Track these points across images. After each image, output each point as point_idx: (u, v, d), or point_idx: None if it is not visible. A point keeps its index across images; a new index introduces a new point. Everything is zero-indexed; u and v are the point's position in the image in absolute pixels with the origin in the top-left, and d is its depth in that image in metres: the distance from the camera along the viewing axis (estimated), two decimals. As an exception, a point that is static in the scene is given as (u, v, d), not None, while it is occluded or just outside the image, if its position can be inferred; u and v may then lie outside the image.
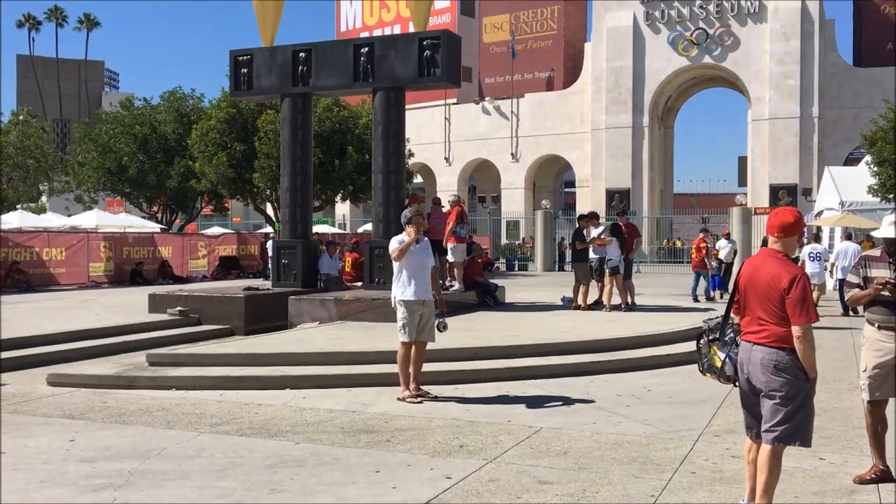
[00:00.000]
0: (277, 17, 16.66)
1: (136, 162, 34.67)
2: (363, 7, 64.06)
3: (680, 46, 47.04)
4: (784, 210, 4.63)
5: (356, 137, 30.89)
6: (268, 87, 16.12)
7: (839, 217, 22.09)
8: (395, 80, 14.89)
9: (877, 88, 43.00)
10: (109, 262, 26.23)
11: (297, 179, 15.96)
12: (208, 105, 34.67)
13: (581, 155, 51.04)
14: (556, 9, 54.51)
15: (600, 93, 48.98)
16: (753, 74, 45.77)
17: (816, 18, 44.37)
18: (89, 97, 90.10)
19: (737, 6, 45.72)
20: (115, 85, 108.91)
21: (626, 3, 48.15)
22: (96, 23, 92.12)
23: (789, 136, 44.69)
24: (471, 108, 55.18)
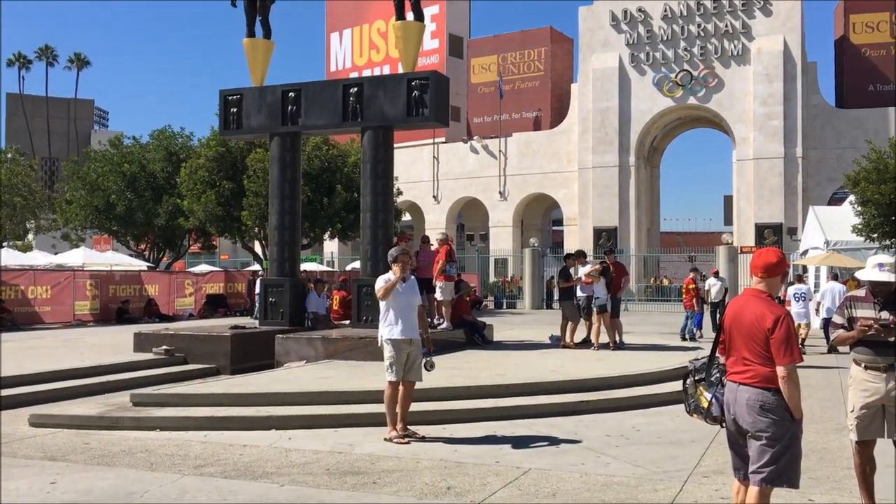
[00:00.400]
0: (267, 58, 16.81)
1: (124, 200, 34.63)
2: (353, 48, 64.77)
3: (665, 88, 47.69)
4: (767, 250, 4.67)
5: (345, 176, 31.01)
6: (257, 126, 16.21)
7: (824, 256, 22.25)
8: (383, 119, 15.01)
9: (859, 129, 43.65)
10: (95, 300, 26.06)
11: (285, 218, 15.97)
12: (197, 143, 34.78)
13: (568, 194, 51.38)
14: (543, 51, 55.26)
15: (587, 133, 49.48)
16: (738, 115, 46.39)
17: (799, 61, 45.14)
18: (78, 135, 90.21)
19: (720, 49, 46.47)
20: (105, 123, 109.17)
21: (611, 45, 48.89)
22: (86, 62, 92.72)
23: (774, 175, 45.18)
24: (459, 146, 55.58)
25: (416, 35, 15.60)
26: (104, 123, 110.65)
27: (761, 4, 45.71)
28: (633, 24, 48.35)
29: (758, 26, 45.88)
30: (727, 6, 46.28)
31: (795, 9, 45.37)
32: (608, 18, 48.84)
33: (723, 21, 46.45)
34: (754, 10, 45.90)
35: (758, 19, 45.90)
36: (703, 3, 46.68)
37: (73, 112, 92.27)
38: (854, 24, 48.43)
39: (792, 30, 45.28)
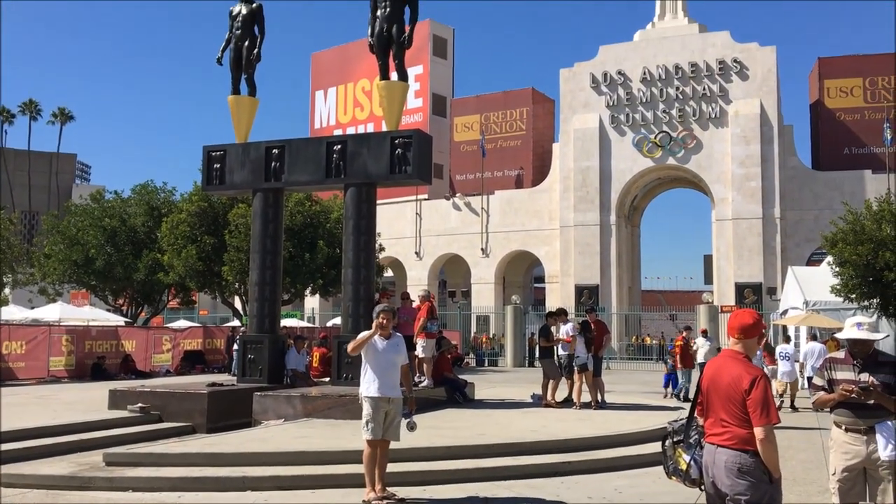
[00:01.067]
0: (252, 115, 16.94)
1: (103, 254, 34.38)
2: (337, 105, 65.53)
3: (644, 148, 48.46)
4: (743, 312, 4.68)
5: (327, 231, 31.03)
6: (240, 181, 16.23)
7: (804, 316, 22.38)
8: (366, 176, 15.09)
9: (836, 191, 44.42)
10: (71, 355, 25.65)
11: (266, 273, 15.89)
12: (180, 198, 34.76)
13: (550, 251, 51.65)
14: (525, 111, 56.13)
15: (568, 191, 49.99)
16: (716, 176, 47.12)
17: (775, 124, 46.11)
18: (59, 189, 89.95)
19: (698, 111, 47.43)
20: (87, 177, 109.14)
21: (592, 106, 49.77)
22: (70, 116, 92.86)
23: (752, 235, 45.71)
24: (442, 203, 55.93)
25: (400, 94, 15.80)
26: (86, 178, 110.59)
27: (738, 69, 46.86)
28: (613, 87, 49.33)
29: (735, 90, 46.95)
30: (704, 70, 47.38)
31: (771, 73, 46.53)
32: (588, 80, 49.82)
33: (700, 84, 47.50)
34: (731, 75, 47.02)
35: (735, 83, 47.00)
36: (681, 67, 47.77)
37: (55, 166, 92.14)
38: (828, 89, 49.68)
39: (768, 94, 46.36)
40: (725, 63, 47.04)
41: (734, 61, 46.92)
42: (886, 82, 48.64)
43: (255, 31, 16.89)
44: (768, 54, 46.77)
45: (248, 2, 17.00)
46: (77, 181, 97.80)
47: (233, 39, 16.85)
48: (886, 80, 48.61)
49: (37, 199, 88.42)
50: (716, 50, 47.50)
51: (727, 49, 47.33)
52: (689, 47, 48.06)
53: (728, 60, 47.01)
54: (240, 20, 16.84)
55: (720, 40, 47.74)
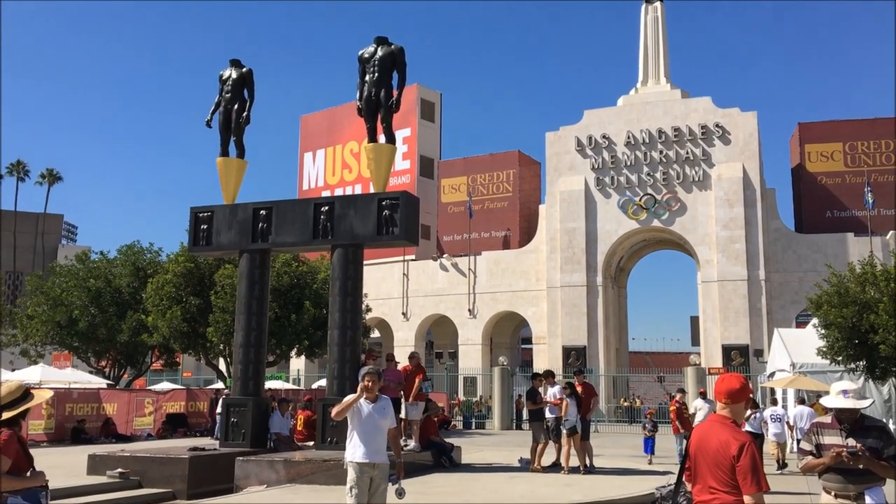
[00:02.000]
0: (240, 177, 17.05)
1: (87, 315, 34.08)
2: (325, 167, 66.07)
3: (630, 210, 48.92)
4: (730, 376, 4.67)
5: (314, 292, 30.93)
6: (227, 242, 16.24)
7: (791, 379, 22.33)
8: (353, 237, 15.14)
9: (819, 254, 44.87)
10: (51, 419, 25.18)
11: (251, 335, 15.78)
12: (166, 259, 34.66)
13: (537, 312, 51.60)
14: (512, 173, 56.73)
15: (555, 252, 50.23)
16: (701, 238, 47.52)
17: (758, 187, 46.76)
18: (45, 250, 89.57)
19: (682, 174, 48.07)
20: (73, 238, 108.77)
21: (577, 169, 50.39)
22: (58, 177, 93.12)
23: (738, 297, 45.90)
24: (429, 264, 56.01)
25: (388, 157, 15.97)
26: (72, 238, 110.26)
27: (720, 133, 47.71)
28: (598, 150, 50.03)
29: (717, 154, 47.72)
30: (687, 135, 48.21)
31: (753, 138, 47.38)
32: (574, 144, 50.54)
33: (684, 148, 48.26)
34: (713, 139, 47.84)
35: (717, 147, 47.79)
36: (665, 131, 48.59)
37: (42, 227, 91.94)
38: (809, 154, 50.58)
39: (750, 157, 47.11)
40: (708, 128, 47.91)
41: (716, 126, 47.80)
42: (866, 147, 49.62)
43: (245, 95, 17.16)
44: (749, 119, 47.69)
45: (239, 66, 17.29)
46: (63, 241, 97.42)
47: (222, 103, 17.08)
48: (865, 145, 49.60)
49: (22, 260, 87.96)
50: (698, 115, 48.42)
51: (709, 114, 48.25)
52: (671, 112, 48.97)
53: (710, 125, 47.89)
54: (230, 84, 17.09)
55: (702, 105, 48.70)
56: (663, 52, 52.12)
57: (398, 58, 15.84)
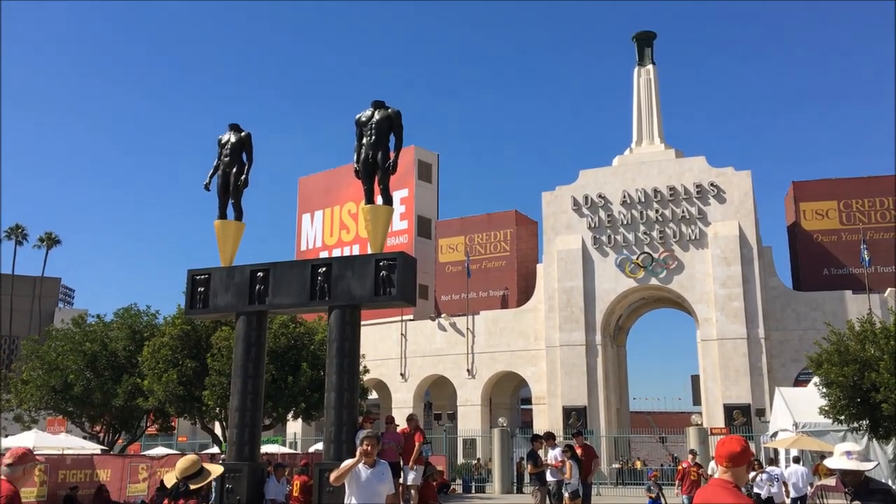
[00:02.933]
0: (237, 239, 17.09)
1: (82, 379, 33.78)
2: (323, 228, 66.35)
3: (627, 269, 48.98)
4: (731, 439, 4.61)
5: (311, 353, 30.74)
6: (224, 305, 16.19)
7: (794, 439, 22.08)
8: (351, 298, 15.09)
9: (818, 311, 44.79)
10: (43, 486, 24.67)
11: (247, 399, 15.60)
12: (163, 322, 34.53)
13: (537, 371, 51.21)
14: (509, 232, 56.95)
15: (553, 311, 50.10)
16: (699, 296, 47.47)
17: (754, 245, 46.91)
18: (42, 313, 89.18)
19: (678, 232, 48.28)
20: (70, 301, 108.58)
21: (574, 228, 50.62)
22: (57, 241, 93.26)
23: (738, 356, 45.63)
24: (427, 324, 55.77)
25: (385, 218, 16.04)
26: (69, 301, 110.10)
27: (715, 192, 48.08)
28: (594, 209, 50.34)
29: (713, 212, 48.01)
30: (682, 194, 48.57)
31: (748, 196, 47.74)
32: (570, 203, 50.87)
33: (679, 207, 48.58)
34: (709, 198, 48.20)
35: (712, 206, 48.12)
36: (660, 190, 48.97)
37: (39, 290, 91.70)
38: (804, 212, 50.90)
39: (746, 216, 47.39)
40: (703, 187, 48.30)
41: (711, 185, 48.20)
42: (860, 205, 49.96)
43: (244, 158, 17.29)
44: (744, 178, 48.11)
45: (238, 130, 17.48)
46: (60, 305, 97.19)
47: (221, 166, 17.21)
48: (860, 203, 49.95)
49: (18, 324, 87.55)
50: (693, 174, 48.86)
51: (703, 173, 48.70)
52: (666, 172, 49.43)
53: (705, 184, 48.29)
54: (228, 147, 17.26)
55: (696, 165, 49.19)
56: (656, 113, 52.90)
57: (395, 121, 16.03)
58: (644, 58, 54.25)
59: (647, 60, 54.11)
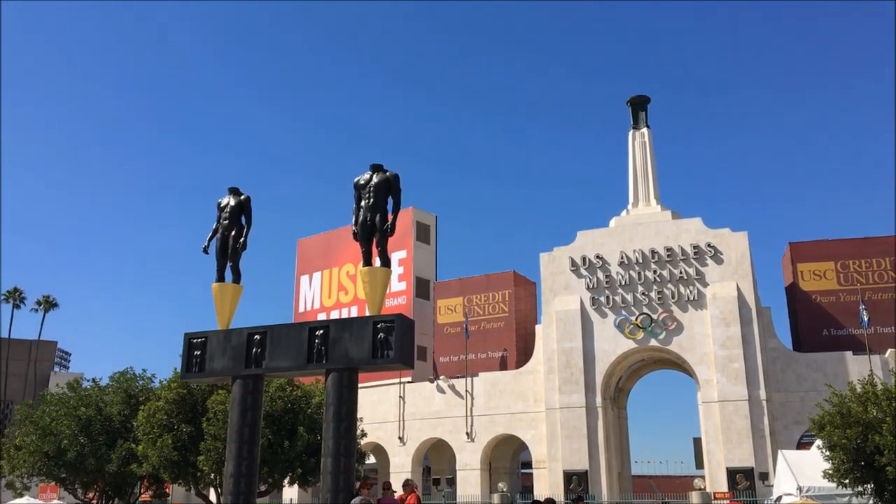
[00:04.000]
0: (235, 302, 17.08)
1: (76, 445, 33.35)
2: (322, 289, 66.31)
3: (626, 330, 48.81)
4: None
5: (308, 417, 30.40)
6: (220, 368, 16.08)
7: (799, 503, 21.69)
8: (348, 361, 15.01)
9: (819, 373, 44.49)
10: (32, 554, 24.15)
11: (242, 465, 15.37)
12: (158, 385, 34.25)
13: (536, 434, 50.57)
14: (507, 293, 56.89)
15: (552, 373, 49.73)
16: (699, 357, 47.19)
17: (753, 306, 46.83)
18: (37, 377, 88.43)
19: (677, 293, 48.27)
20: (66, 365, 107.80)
21: (572, 289, 50.61)
22: (54, 304, 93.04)
23: (740, 418, 45.14)
24: (425, 386, 55.27)
25: (383, 280, 16.06)
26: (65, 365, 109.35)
27: (712, 253, 48.24)
28: (592, 270, 50.42)
29: (711, 273, 48.08)
30: (680, 255, 48.72)
31: (745, 257, 47.88)
32: (568, 264, 50.96)
33: (677, 268, 48.67)
34: (706, 259, 48.33)
35: (710, 266, 48.22)
36: (657, 251, 49.14)
37: (35, 354, 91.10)
38: (802, 272, 50.96)
39: (743, 277, 47.45)
40: (700, 248, 48.48)
41: (708, 246, 48.39)
42: (857, 266, 50.07)
43: (243, 222, 17.42)
44: (741, 239, 48.33)
45: (237, 194, 17.63)
46: (56, 368, 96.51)
47: (220, 229, 17.31)
48: (857, 264, 50.06)
49: (13, 388, 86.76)
50: (689, 235, 49.10)
51: (700, 234, 48.94)
52: (663, 233, 49.67)
53: (702, 245, 48.48)
54: (227, 211, 17.38)
55: (693, 226, 49.46)
56: (652, 175, 53.44)
57: (393, 184, 16.19)
58: (639, 121, 55.07)
59: (641, 124, 54.92)
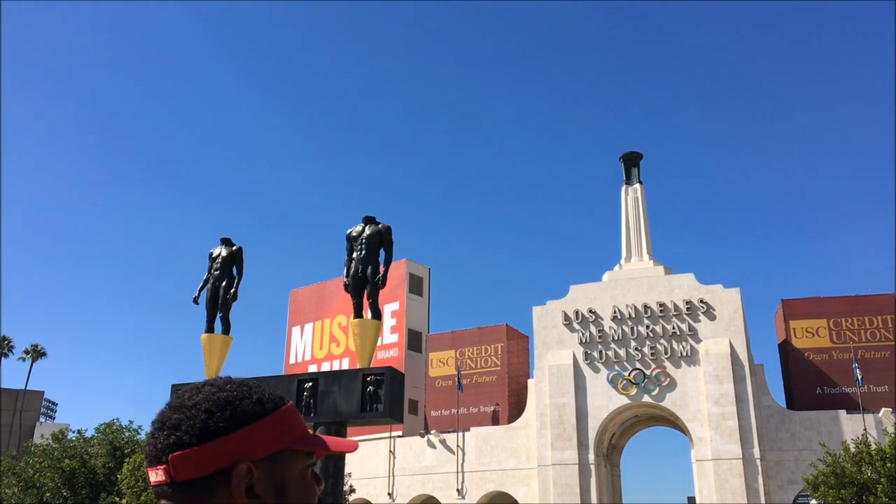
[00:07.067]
0: (224, 353, 16.92)
1: (58, 498, 32.65)
2: (313, 340, 65.88)
3: (619, 385, 48.48)
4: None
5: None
6: (206, 421, 15.84)
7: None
8: (337, 414, 14.81)
9: (812, 431, 44.11)
10: None
11: (226, 520, 15.04)
12: (144, 437, 33.70)
13: (528, 492, 49.76)
14: (500, 346, 56.60)
15: (545, 428, 49.20)
16: (693, 414, 46.80)
17: (746, 363, 46.65)
18: (22, 428, 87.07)
19: (670, 349, 48.09)
20: (52, 415, 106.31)
21: (565, 343, 50.39)
22: (42, 353, 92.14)
23: (734, 477, 44.58)
24: (416, 440, 54.57)
25: (373, 333, 15.96)
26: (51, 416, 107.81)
27: (705, 309, 48.22)
28: (585, 324, 50.28)
29: (703, 329, 47.98)
30: (672, 310, 48.67)
31: (737, 314, 47.84)
32: (561, 318, 50.84)
33: (670, 323, 48.58)
34: (699, 315, 48.29)
35: (703, 322, 48.14)
36: (650, 306, 49.10)
37: (21, 404, 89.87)
38: (795, 329, 50.85)
39: (736, 333, 47.34)
40: (692, 303, 48.47)
41: (701, 302, 48.39)
42: (850, 324, 50.01)
43: (234, 272, 17.34)
44: (733, 295, 48.36)
45: (229, 244, 17.59)
46: (42, 419, 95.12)
47: (210, 279, 17.23)
48: (850, 322, 50.01)
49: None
50: (682, 291, 49.13)
51: (693, 290, 48.98)
52: (656, 288, 49.70)
53: (695, 301, 48.48)
54: (219, 261, 17.33)
55: (685, 282, 49.53)
56: (644, 230, 53.71)
57: (385, 236, 16.19)
58: (631, 177, 55.58)
59: (633, 179, 55.41)
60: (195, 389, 1.64)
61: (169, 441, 1.55)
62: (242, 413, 1.58)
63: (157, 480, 1.55)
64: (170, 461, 1.54)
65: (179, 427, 1.56)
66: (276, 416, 1.60)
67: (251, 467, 1.54)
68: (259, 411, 1.59)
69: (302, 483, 1.61)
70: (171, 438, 1.55)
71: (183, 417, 1.57)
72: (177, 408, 1.60)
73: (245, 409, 1.59)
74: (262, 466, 1.56)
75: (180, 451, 1.54)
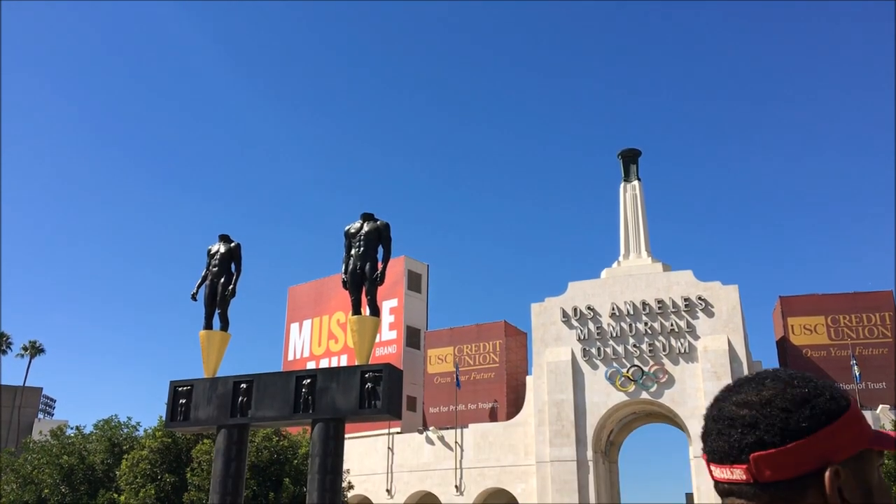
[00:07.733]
0: (222, 350, 16.91)
1: (56, 494, 32.68)
2: (312, 337, 65.86)
3: (618, 382, 48.51)
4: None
5: (294, 468, 29.93)
6: (205, 418, 15.84)
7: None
8: (335, 411, 14.82)
9: (810, 427, 44.12)
10: None
11: (225, 516, 15.05)
12: (143, 434, 33.74)
13: (527, 489, 49.80)
14: (498, 343, 56.63)
15: (543, 425, 49.23)
16: (690, 411, 46.84)
17: (744, 360, 46.68)
18: (20, 424, 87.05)
19: (668, 346, 48.11)
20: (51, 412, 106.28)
21: (563, 340, 50.40)
22: (41, 350, 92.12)
23: (732, 472, 44.60)
24: (414, 437, 54.61)
25: (371, 329, 15.96)
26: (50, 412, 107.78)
27: (703, 306, 48.23)
28: (583, 321, 50.29)
29: (702, 326, 48.01)
30: (671, 307, 48.69)
31: (736, 311, 47.87)
32: (559, 315, 50.84)
33: (668, 320, 48.60)
34: (697, 311, 48.31)
35: (701, 319, 48.16)
36: (648, 303, 49.11)
37: (19, 400, 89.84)
38: (793, 326, 50.95)
39: (734, 330, 47.38)
40: (691, 300, 48.48)
41: (699, 298, 48.41)
42: (848, 320, 50.09)
43: (232, 269, 17.33)
44: (731, 292, 48.38)
45: (227, 241, 17.58)
46: (40, 416, 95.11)
47: (209, 276, 17.22)
48: (848, 319, 50.09)
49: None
50: (680, 288, 49.13)
51: (691, 287, 48.99)
52: (654, 285, 49.72)
53: (693, 298, 48.50)
54: (217, 258, 17.31)
55: (684, 279, 49.54)
56: (643, 227, 53.70)
57: (384, 233, 16.19)
58: (629, 174, 55.55)
59: (632, 176, 55.39)
60: (754, 383, 1.59)
61: (749, 440, 1.50)
62: (822, 412, 1.51)
63: (732, 479, 1.51)
64: (752, 461, 1.49)
65: (757, 426, 1.51)
66: (851, 415, 1.53)
67: (839, 470, 1.48)
68: (836, 409, 1.53)
69: (882, 484, 1.54)
70: (750, 437, 1.50)
71: (759, 416, 1.52)
72: (744, 404, 1.54)
73: (823, 408, 1.52)
74: (847, 468, 1.49)
75: (763, 451, 1.49)
